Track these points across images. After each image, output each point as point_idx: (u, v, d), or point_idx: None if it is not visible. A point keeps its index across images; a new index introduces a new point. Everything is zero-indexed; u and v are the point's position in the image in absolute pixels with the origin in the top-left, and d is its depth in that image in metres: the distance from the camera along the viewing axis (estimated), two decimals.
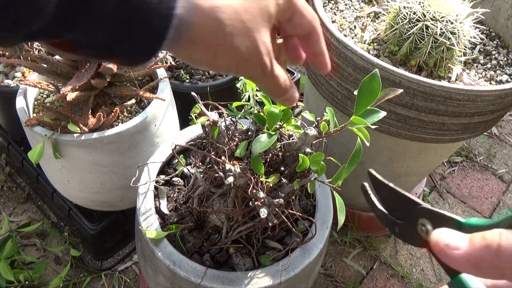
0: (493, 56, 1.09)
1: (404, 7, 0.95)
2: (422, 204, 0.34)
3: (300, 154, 0.57)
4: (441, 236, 0.26)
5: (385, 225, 0.36)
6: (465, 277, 0.28)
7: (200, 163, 0.78)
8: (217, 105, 0.66)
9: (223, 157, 0.61)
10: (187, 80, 1.29)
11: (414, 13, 0.93)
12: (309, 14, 0.40)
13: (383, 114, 0.53)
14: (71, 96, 0.85)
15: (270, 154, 0.62)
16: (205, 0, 0.31)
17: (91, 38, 0.31)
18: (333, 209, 0.73)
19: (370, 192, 0.37)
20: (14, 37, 0.29)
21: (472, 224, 0.29)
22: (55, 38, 0.31)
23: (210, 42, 0.33)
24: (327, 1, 1.19)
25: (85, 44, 0.31)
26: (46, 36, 0.30)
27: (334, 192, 0.62)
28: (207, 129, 0.63)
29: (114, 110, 0.94)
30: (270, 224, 0.60)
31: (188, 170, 0.81)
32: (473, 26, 0.99)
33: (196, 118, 0.61)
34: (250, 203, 0.60)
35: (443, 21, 0.92)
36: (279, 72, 0.39)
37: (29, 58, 1.13)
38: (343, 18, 1.13)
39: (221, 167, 0.61)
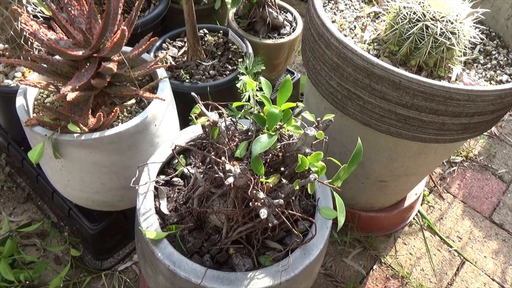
0: (493, 56, 1.09)
1: (404, 7, 0.95)
2: None
3: (299, 155, 0.57)
4: None
5: None
6: None
7: (200, 164, 0.78)
8: (217, 105, 0.66)
9: (223, 158, 0.60)
10: (187, 80, 1.29)
11: (414, 13, 0.93)
12: None
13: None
14: (71, 96, 0.85)
15: (270, 155, 0.62)
16: None
17: None
18: (333, 209, 0.73)
19: None
20: None
21: None
22: None
23: None
24: (327, 1, 1.19)
25: None
26: None
27: (334, 192, 0.62)
28: (207, 129, 0.63)
29: (114, 110, 0.94)
30: (270, 224, 0.60)
31: (188, 171, 0.81)
32: (473, 26, 0.99)
33: (196, 118, 0.61)
34: (250, 203, 0.60)
35: (443, 21, 0.92)
36: None
37: (29, 58, 1.13)
38: (343, 18, 1.13)
39: (221, 168, 0.61)
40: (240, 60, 1.36)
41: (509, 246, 1.44)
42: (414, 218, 1.49)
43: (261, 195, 0.56)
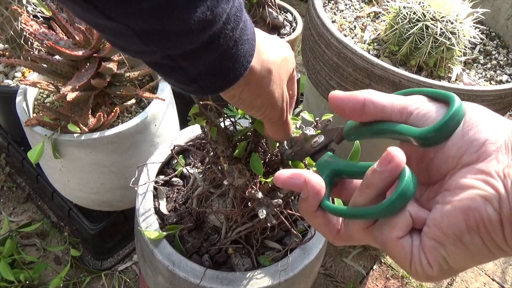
0: (493, 56, 1.09)
1: (404, 7, 0.95)
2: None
3: None
4: (336, 91, 0.36)
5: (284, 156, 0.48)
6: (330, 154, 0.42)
7: (199, 164, 0.78)
8: (216, 105, 0.66)
9: (221, 158, 0.60)
10: None
11: (414, 13, 0.93)
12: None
13: None
14: (71, 96, 0.85)
15: (269, 155, 0.62)
16: (263, 53, 0.40)
17: (192, 68, 0.36)
18: None
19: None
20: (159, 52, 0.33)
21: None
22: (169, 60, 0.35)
23: (259, 84, 0.41)
24: (327, 1, 1.19)
25: (183, 69, 0.36)
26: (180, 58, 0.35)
27: None
28: (206, 129, 0.63)
29: (114, 110, 0.94)
30: (269, 224, 0.60)
31: (187, 171, 0.81)
32: (473, 26, 0.99)
33: (195, 118, 0.61)
34: (249, 203, 0.60)
35: (443, 21, 0.92)
36: (290, 119, 0.50)
37: (29, 58, 1.13)
38: (343, 18, 1.13)
39: (219, 168, 0.61)
40: None
41: None
42: None
43: (260, 195, 0.56)
